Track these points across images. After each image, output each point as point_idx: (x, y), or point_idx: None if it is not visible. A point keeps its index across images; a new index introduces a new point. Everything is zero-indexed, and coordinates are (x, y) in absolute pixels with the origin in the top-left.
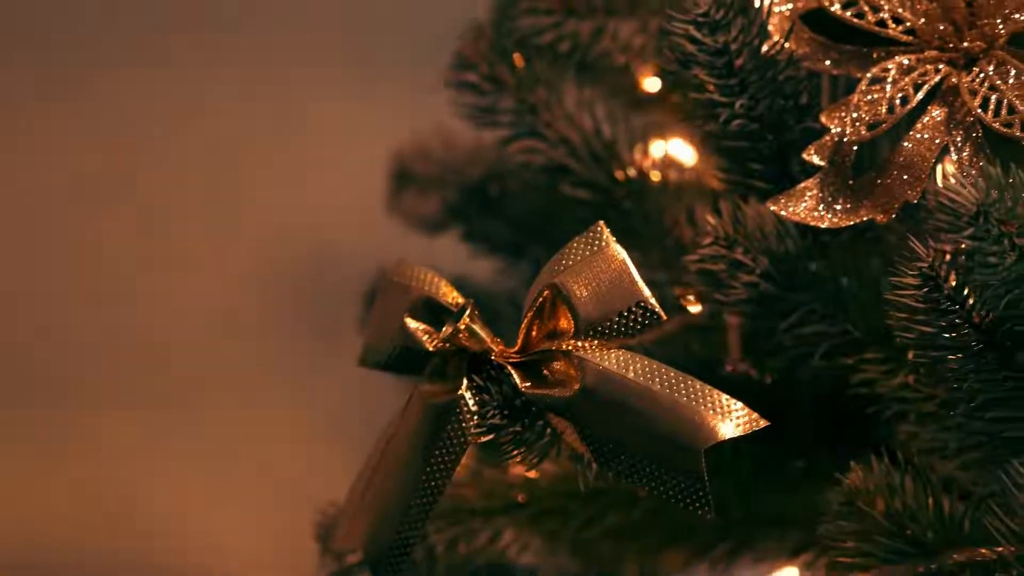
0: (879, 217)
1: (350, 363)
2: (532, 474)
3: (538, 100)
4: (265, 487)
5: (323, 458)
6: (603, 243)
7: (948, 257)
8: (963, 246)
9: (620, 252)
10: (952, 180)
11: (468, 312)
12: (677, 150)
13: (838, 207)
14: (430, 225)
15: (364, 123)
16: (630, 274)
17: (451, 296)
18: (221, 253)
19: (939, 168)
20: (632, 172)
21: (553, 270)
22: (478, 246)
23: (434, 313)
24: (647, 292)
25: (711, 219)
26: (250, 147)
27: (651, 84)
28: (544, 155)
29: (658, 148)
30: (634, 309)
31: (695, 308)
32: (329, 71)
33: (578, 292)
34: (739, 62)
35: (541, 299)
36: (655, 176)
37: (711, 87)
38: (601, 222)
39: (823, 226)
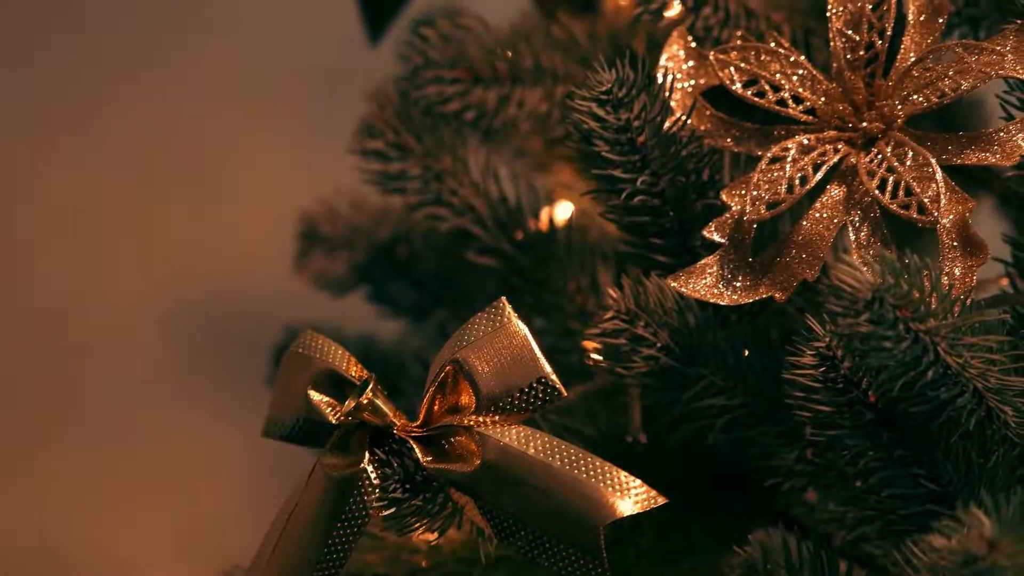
0: (778, 295)
1: (257, 417)
2: (435, 541)
3: (444, 168)
4: (174, 534)
5: (233, 510)
6: (505, 319)
7: (844, 340)
8: (860, 329)
9: (522, 328)
10: (848, 264)
11: (371, 387)
12: (582, 213)
13: (738, 284)
14: (337, 286)
15: (274, 182)
16: (531, 350)
17: (354, 369)
18: (134, 296)
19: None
20: (536, 239)
21: (455, 345)
22: (385, 307)
23: (337, 386)
24: (548, 368)
25: (612, 293)
26: (162, 200)
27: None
28: (450, 222)
29: (563, 211)
30: (535, 385)
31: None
32: (242, 127)
33: (480, 368)
34: (641, 139)
35: (443, 374)
36: (560, 240)
37: (614, 163)
38: (504, 298)
39: (723, 303)
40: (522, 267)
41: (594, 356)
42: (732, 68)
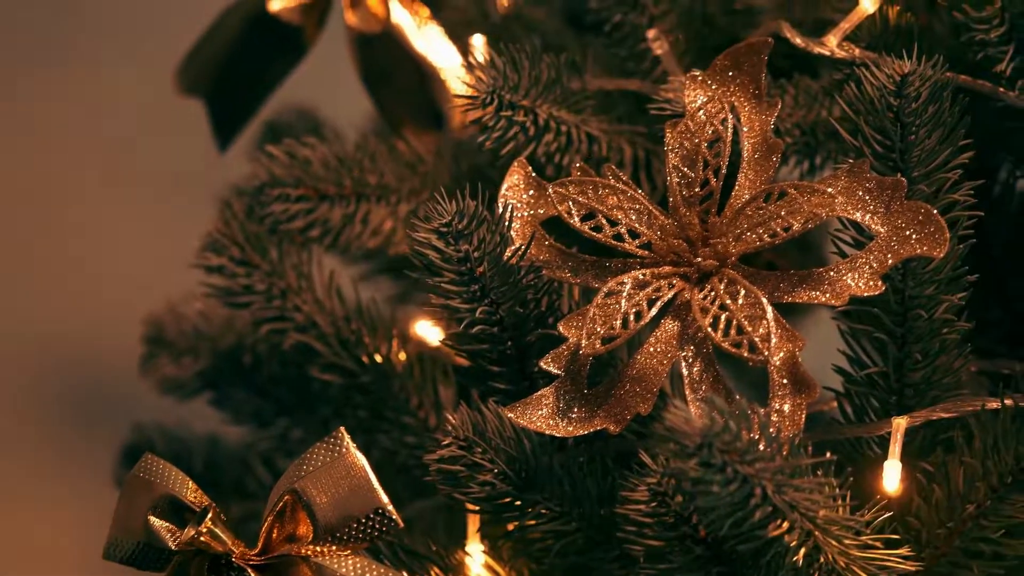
0: (612, 427)
1: (98, 514)
2: None
3: (288, 284)
4: None
5: None
6: (344, 449)
7: (675, 479)
8: (690, 472)
9: (360, 459)
10: (678, 408)
11: (210, 515)
12: (424, 330)
13: (573, 416)
14: (182, 391)
15: (125, 280)
16: (369, 481)
17: (193, 495)
18: None
19: None
20: (378, 357)
21: (294, 475)
22: (228, 413)
23: (177, 511)
24: (385, 499)
25: (451, 419)
26: (15, 285)
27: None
28: (293, 338)
29: (407, 328)
30: (373, 516)
31: None
32: (98, 221)
33: (318, 498)
34: (480, 269)
35: (282, 503)
36: (401, 358)
37: (453, 293)
38: (342, 428)
39: (558, 435)
40: (364, 383)
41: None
42: (570, 202)
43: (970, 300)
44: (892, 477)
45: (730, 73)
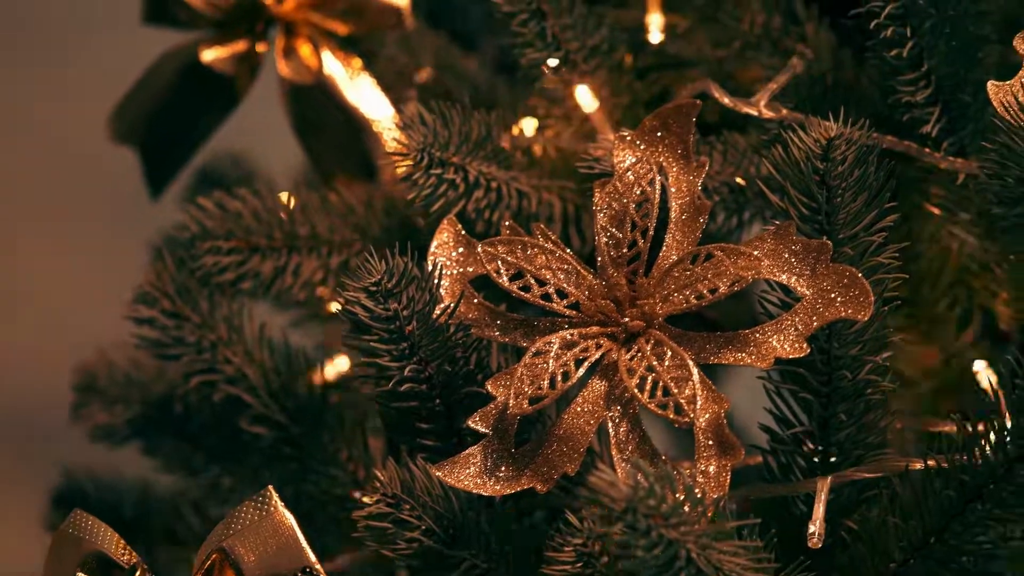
0: (539, 486)
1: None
2: None
3: (219, 337)
4: None
5: None
6: (271, 508)
7: (600, 543)
8: (615, 536)
9: (288, 517)
10: (604, 473)
11: (138, 573)
12: (357, 381)
13: (500, 474)
14: (113, 438)
15: (53, 330)
16: (297, 540)
17: (123, 552)
18: None
19: None
20: (308, 407)
21: (222, 533)
22: (159, 461)
23: (106, 568)
24: (313, 558)
25: (380, 475)
26: None
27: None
28: (223, 391)
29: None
30: (300, 575)
31: None
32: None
33: (246, 557)
34: (409, 328)
35: (210, 561)
36: (331, 408)
37: (382, 352)
38: (270, 487)
39: (486, 493)
40: (293, 435)
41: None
42: (499, 261)
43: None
44: (817, 535)
45: (659, 134)
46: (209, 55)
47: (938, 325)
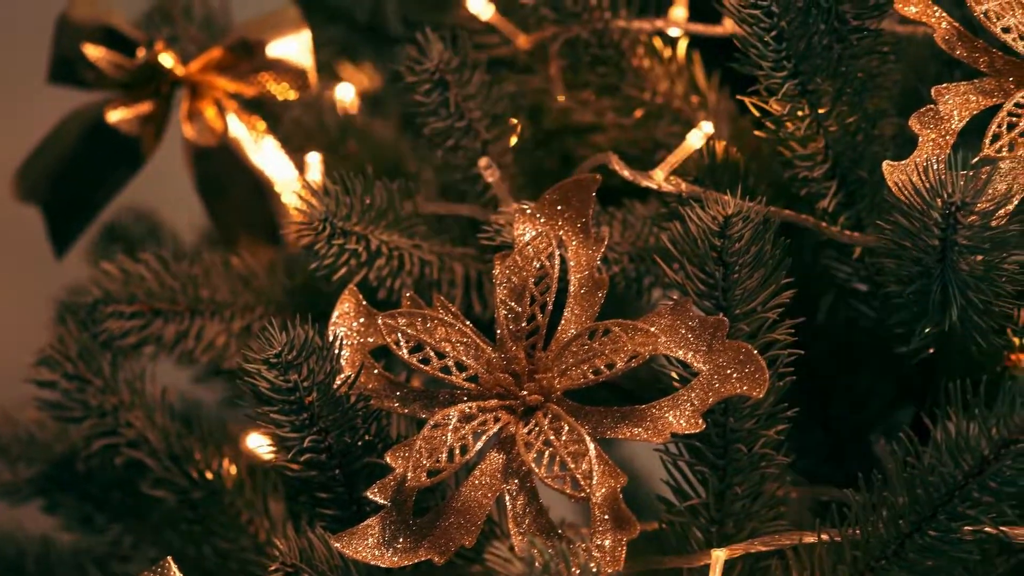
0: (437, 558)
1: None
2: None
3: (121, 400)
4: None
5: None
6: None
7: None
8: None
9: None
10: (498, 550)
11: None
12: (256, 443)
13: (398, 546)
14: (14, 496)
15: None
16: None
17: None
18: None
19: None
20: (209, 474)
21: None
22: (61, 519)
23: None
24: None
25: (279, 544)
26: None
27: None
28: (124, 454)
29: (239, 442)
30: None
31: None
32: None
33: None
34: (309, 398)
35: None
36: (231, 472)
37: (282, 423)
38: (169, 558)
39: (383, 565)
40: (195, 499)
41: None
42: (399, 333)
43: (793, 422)
44: None
45: (559, 207)
46: (114, 116)
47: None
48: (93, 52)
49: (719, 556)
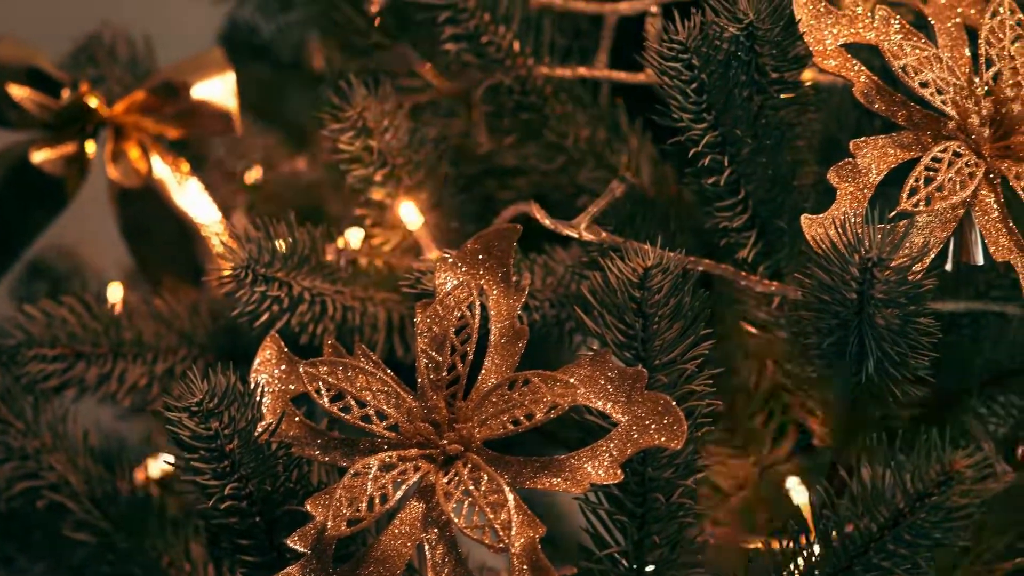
0: None
1: None
2: None
3: (43, 443)
4: None
5: None
6: None
7: None
8: None
9: None
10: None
11: None
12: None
13: None
14: None
15: None
16: None
17: None
18: None
19: None
20: (130, 517)
21: None
22: None
23: None
24: None
25: None
26: None
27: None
28: (47, 497)
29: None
30: None
31: None
32: None
33: None
34: (230, 446)
35: None
36: (153, 511)
37: (203, 471)
38: None
39: None
40: (116, 542)
41: None
42: (320, 382)
43: None
44: None
45: (480, 257)
46: (39, 156)
47: (753, 438)
48: (18, 92)
49: None
